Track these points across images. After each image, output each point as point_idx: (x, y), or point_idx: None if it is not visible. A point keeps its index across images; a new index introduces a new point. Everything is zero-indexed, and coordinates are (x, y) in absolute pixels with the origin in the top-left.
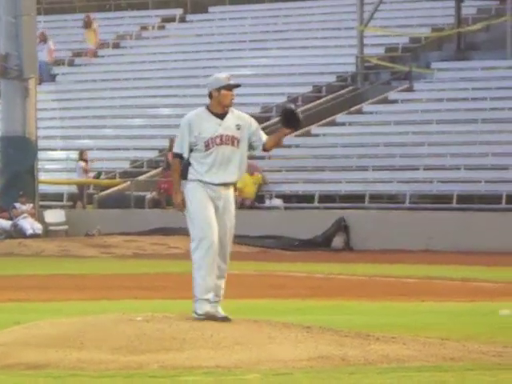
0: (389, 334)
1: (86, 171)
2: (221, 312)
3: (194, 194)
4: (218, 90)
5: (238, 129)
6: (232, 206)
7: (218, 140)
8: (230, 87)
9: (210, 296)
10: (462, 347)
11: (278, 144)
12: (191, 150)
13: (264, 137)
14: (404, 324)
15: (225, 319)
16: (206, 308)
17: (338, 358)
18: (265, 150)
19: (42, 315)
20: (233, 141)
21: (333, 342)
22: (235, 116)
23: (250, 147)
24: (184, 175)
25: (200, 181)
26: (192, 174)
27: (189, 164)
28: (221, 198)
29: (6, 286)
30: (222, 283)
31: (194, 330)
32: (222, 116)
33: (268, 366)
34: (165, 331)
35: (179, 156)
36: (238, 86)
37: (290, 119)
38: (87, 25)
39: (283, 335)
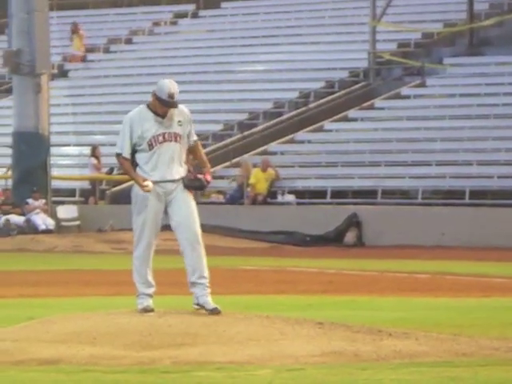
0: (401, 330)
1: (97, 168)
2: (211, 303)
3: (142, 193)
4: (157, 99)
5: (180, 125)
6: (185, 194)
7: (160, 138)
8: (166, 104)
9: (151, 291)
10: (475, 343)
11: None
12: (136, 151)
13: (193, 139)
14: (416, 319)
15: (215, 311)
16: (146, 303)
17: (351, 353)
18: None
19: (55, 311)
20: (176, 137)
21: (345, 338)
22: (176, 112)
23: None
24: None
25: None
26: (140, 173)
27: (136, 165)
28: (172, 192)
29: (18, 281)
30: (204, 271)
31: (206, 325)
32: (162, 114)
33: (280, 362)
34: (177, 327)
35: (120, 155)
36: (174, 107)
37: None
38: (73, 31)
39: (295, 331)
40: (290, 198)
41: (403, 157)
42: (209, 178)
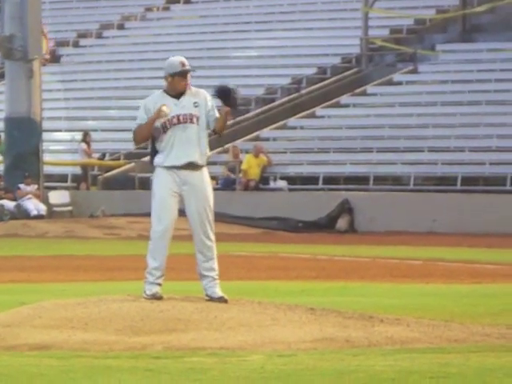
0: (393, 316)
1: (87, 154)
2: (218, 292)
3: (158, 181)
4: (172, 75)
5: (196, 106)
6: (202, 186)
7: (174, 120)
8: (183, 73)
9: (160, 280)
10: (466, 329)
11: (223, 125)
12: (154, 138)
13: (214, 115)
14: (408, 306)
15: (221, 299)
16: (155, 289)
17: (342, 339)
18: (215, 132)
19: (47, 296)
20: (191, 118)
21: (337, 324)
22: (192, 93)
23: (207, 126)
24: (152, 160)
25: (164, 167)
26: (157, 159)
27: (155, 153)
28: (187, 183)
29: (10, 266)
30: (213, 264)
31: (198, 311)
32: (178, 96)
33: (272, 348)
34: (169, 312)
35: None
36: (191, 70)
37: (227, 97)
38: None
39: (287, 317)
40: (282, 183)
41: (395, 143)
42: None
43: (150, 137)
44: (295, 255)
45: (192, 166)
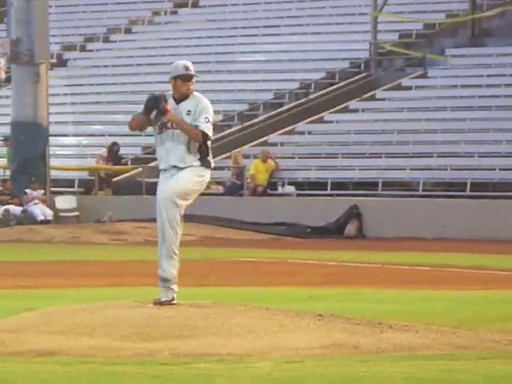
0: (401, 322)
1: (104, 160)
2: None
3: (158, 185)
4: (175, 78)
5: (188, 114)
6: (177, 176)
7: (168, 124)
8: (185, 77)
9: (173, 285)
10: (475, 336)
11: (186, 134)
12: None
13: (195, 123)
14: (416, 312)
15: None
16: (171, 295)
17: (350, 345)
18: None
19: (53, 302)
20: None
21: (345, 330)
22: (193, 101)
23: None
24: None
25: (160, 170)
26: (158, 162)
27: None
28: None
29: (16, 272)
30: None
31: (205, 317)
32: (179, 101)
33: (280, 354)
34: (176, 318)
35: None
36: (194, 76)
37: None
38: None
39: (295, 323)
40: (290, 189)
41: (404, 148)
42: (168, 106)
43: (140, 127)
44: (303, 261)
45: (177, 167)
